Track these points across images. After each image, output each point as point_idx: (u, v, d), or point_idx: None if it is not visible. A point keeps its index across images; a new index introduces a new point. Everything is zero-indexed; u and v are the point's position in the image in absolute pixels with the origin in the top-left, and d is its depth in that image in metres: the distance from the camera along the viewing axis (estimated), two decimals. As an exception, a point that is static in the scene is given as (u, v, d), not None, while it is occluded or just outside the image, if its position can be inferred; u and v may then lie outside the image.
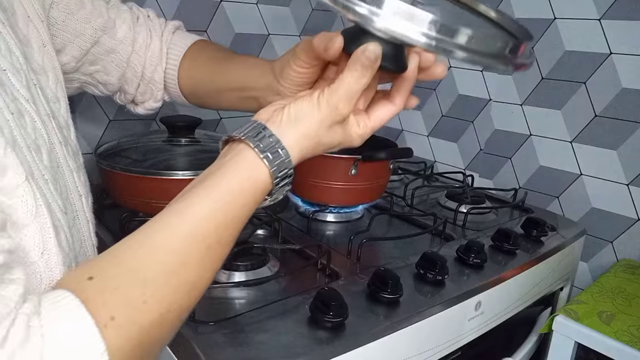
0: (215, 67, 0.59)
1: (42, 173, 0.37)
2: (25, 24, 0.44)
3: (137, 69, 0.61)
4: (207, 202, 0.37)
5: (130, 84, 0.63)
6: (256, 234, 0.81)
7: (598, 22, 0.96)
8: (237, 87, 0.56)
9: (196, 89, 0.62)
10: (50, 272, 0.35)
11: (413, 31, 0.33)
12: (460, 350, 0.71)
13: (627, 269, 0.92)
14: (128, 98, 0.65)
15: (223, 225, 0.38)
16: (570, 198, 1.06)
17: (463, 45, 0.34)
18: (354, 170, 0.84)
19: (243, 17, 1.07)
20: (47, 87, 0.45)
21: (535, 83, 1.09)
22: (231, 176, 0.39)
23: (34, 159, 0.36)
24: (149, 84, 0.63)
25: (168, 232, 0.36)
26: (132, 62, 0.61)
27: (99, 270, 0.33)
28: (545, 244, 0.86)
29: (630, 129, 0.95)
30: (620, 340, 0.71)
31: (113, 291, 0.32)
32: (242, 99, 0.56)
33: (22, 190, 0.33)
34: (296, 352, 0.51)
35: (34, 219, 0.34)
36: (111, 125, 0.97)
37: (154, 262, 0.34)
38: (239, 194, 0.38)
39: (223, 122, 1.12)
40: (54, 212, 0.37)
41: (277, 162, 0.39)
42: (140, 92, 0.64)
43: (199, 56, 0.61)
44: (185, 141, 0.84)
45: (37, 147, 0.37)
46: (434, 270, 0.68)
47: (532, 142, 1.12)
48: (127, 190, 0.75)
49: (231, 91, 0.57)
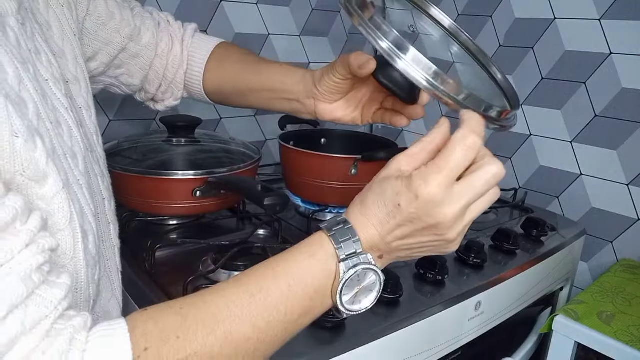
0: (246, 68, 0.63)
1: (78, 179, 0.38)
2: (61, 37, 0.46)
3: (159, 71, 0.66)
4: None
5: (152, 85, 0.67)
6: (256, 234, 0.81)
7: (598, 22, 0.96)
8: (270, 88, 0.60)
9: (222, 88, 0.66)
10: (77, 275, 0.36)
11: (422, 79, 0.41)
12: (460, 350, 0.71)
13: (627, 269, 0.92)
14: (148, 97, 0.70)
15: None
16: (570, 198, 1.06)
17: (459, 100, 0.43)
18: (354, 170, 0.84)
19: (243, 17, 1.07)
20: (79, 96, 0.47)
21: (535, 83, 1.09)
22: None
23: (70, 166, 0.38)
24: (171, 84, 0.67)
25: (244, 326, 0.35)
26: (155, 65, 0.65)
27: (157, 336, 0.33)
28: (545, 244, 0.86)
29: (630, 129, 0.95)
30: (620, 340, 0.71)
31: None
32: (273, 99, 0.61)
33: (59, 198, 0.34)
34: (296, 352, 0.51)
35: (68, 224, 0.35)
36: (111, 125, 0.97)
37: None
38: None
39: (223, 122, 1.12)
40: (86, 216, 0.38)
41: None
42: (162, 92, 0.68)
43: (227, 58, 0.66)
44: (185, 141, 0.84)
45: (74, 154, 0.39)
46: (434, 270, 0.68)
47: (532, 142, 1.12)
48: (127, 190, 0.75)
49: (263, 92, 0.61)
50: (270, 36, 1.13)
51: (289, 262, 0.38)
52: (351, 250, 0.38)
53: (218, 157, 0.83)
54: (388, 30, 0.41)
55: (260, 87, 0.61)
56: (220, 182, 0.73)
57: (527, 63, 1.09)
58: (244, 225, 0.87)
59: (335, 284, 0.37)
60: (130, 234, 0.77)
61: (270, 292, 0.36)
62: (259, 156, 0.84)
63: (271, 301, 0.35)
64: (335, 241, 0.38)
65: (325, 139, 1.07)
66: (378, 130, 1.49)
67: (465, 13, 1.20)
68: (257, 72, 0.61)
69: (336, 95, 0.54)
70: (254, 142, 0.96)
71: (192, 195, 0.74)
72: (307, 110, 0.57)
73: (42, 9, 0.44)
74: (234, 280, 0.37)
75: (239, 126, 1.15)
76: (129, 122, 0.99)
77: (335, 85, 0.52)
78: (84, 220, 0.37)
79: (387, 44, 0.41)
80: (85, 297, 0.37)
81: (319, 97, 0.54)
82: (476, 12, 1.18)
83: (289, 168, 0.92)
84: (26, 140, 0.31)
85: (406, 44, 0.41)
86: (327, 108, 0.55)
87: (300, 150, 0.88)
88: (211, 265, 0.67)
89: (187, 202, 0.74)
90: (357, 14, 0.43)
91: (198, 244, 0.74)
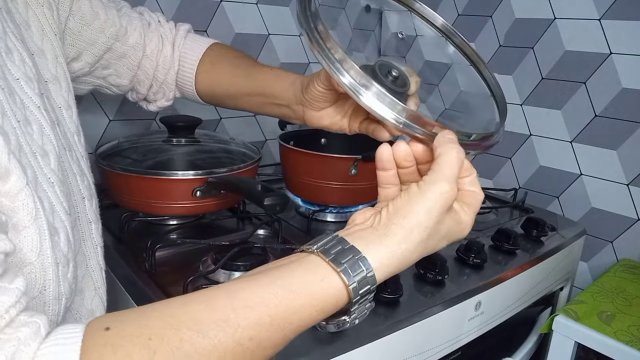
0: (239, 71, 0.63)
1: (48, 177, 0.38)
2: (40, 37, 0.46)
3: (149, 72, 0.65)
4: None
5: (142, 85, 0.66)
6: (256, 234, 0.81)
7: (598, 22, 0.96)
8: (261, 92, 0.60)
9: (214, 90, 0.66)
10: (44, 273, 0.35)
11: (388, 114, 0.40)
12: (460, 350, 0.71)
13: (627, 269, 0.92)
14: (140, 97, 0.69)
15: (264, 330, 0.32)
16: (570, 198, 1.06)
17: (427, 132, 0.40)
18: (354, 170, 0.84)
19: (243, 17, 1.07)
20: (59, 96, 0.46)
21: (535, 83, 1.09)
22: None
23: (39, 164, 0.37)
24: (162, 85, 0.67)
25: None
26: (144, 65, 0.64)
27: (120, 325, 0.30)
28: (545, 244, 0.86)
29: (630, 129, 0.95)
30: (620, 340, 0.71)
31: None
32: (264, 104, 0.61)
33: (23, 195, 0.34)
34: (296, 352, 0.51)
35: (33, 221, 0.34)
36: (111, 125, 0.97)
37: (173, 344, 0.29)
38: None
39: (223, 122, 1.12)
40: (57, 213, 0.37)
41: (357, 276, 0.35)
42: (153, 92, 0.68)
43: (220, 60, 0.65)
44: (185, 141, 0.84)
45: (45, 152, 0.39)
46: (434, 270, 0.68)
47: (532, 142, 1.12)
48: (127, 190, 0.75)
49: (254, 96, 0.61)
50: (270, 36, 1.13)
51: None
52: (364, 287, 0.36)
53: (218, 157, 0.83)
54: (350, 66, 0.40)
55: (252, 92, 0.61)
56: (220, 182, 0.73)
57: (527, 63, 1.09)
58: (244, 225, 0.87)
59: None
60: (130, 234, 0.77)
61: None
62: (259, 156, 0.84)
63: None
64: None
65: (325, 139, 1.07)
66: (378, 130, 1.49)
67: (465, 13, 1.20)
68: (249, 76, 0.61)
69: (323, 104, 0.53)
70: (254, 142, 0.96)
71: (192, 195, 0.74)
72: (296, 116, 0.57)
73: (20, 8, 0.44)
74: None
75: (239, 126, 1.15)
76: (129, 122, 0.99)
77: (320, 94, 0.52)
78: (54, 218, 0.37)
79: (348, 80, 0.40)
80: (55, 294, 0.36)
81: (306, 104, 0.54)
82: (476, 12, 1.18)
83: (289, 168, 0.92)
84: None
85: (369, 81, 0.39)
86: (315, 115, 0.55)
87: (300, 150, 0.88)
88: (211, 265, 0.67)
89: (187, 202, 0.74)
90: (318, 45, 0.41)
91: (198, 244, 0.74)
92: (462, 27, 1.22)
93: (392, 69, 0.45)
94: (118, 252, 0.72)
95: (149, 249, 0.68)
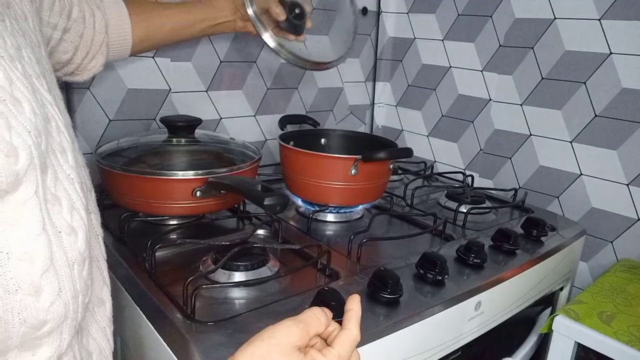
0: (175, 11, 0.78)
1: (68, 173, 0.37)
2: (34, 29, 0.45)
3: (88, 39, 0.68)
4: None
5: (78, 55, 0.68)
6: (256, 234, 0.81)
7: (598, 22, 0.96)
8: (205, 18, 0.81)
9: (153, 35, 0.77)
10: (57, 274, 0.34)
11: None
12: (460, 350, 0.71)
13: (627, 269, 0.92)
14: (70, 69, 0.70)
15: None
16: (570, 198, 1.06)
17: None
18: (354, 170, 0.84)
19: (243, 17, 1.07)
20: (55, 89, 0.45)
21: (535, 83, 1.09)
22: None
23: (59, 162, 0.36)
24: (100, 48, 0.71)
25: None
26: (85, 35, 0.68)
27: None
28: (545, 244, 0.86)
29: (630, 129, 0.95)
30: (620, 340, 0.71)
31: None
32: (205, 28, 0.81)
33: (31, 202, 0.32)
34: (296, 352, 0.51)
35: (42, 230, 0.33)
36: (111, 125, 0.97)
37: None
38: None
39: (223, 122, 1.12)
40: (77, 210, 0.37)
41: None
42: (88, 59, 0.70)
43: (146, 9, 0.76)
44: (185, 141, 0.84)
45: (63, 149, 0.38)
46: (434, 270, 0.68)
47: (532, 142, 1.12)
48: (127, 190, 0.75)
49: (197, 23, 0.80)
50: (270, 36, 1.13)
51: None
52: None
53: (218, 157, 0.83)
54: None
55: (194, 21, 0.79)
56: (220, 182, 0.73)
57: (527, 63, 1.09)
58: (244, 225, 0.87)
59: None
60: (130, 234, 0.77)
61: None
62: (259, 156, 0.84)
63: None
64: None
65: (325, 139, 1.07)
66: (378, 130, 1.49)
67: (465, 13, 1.20)
68: (188, 13, 0.79)
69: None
70: (254, 142, 0.96)
71: (192, 195, 0.74)
72: (232, 27, 0.84)
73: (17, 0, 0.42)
74: None
75: (239, 126, 1.15)
76: (129, 122, 0.99)
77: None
78: (72, 217, 0.36)
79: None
80: (72, 294, 0.35)
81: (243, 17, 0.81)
82: (476, 12, 1.18)
83: (289, 168, 0.92)
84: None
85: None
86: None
87: (300, 150, 0.88)
88: (211, 265, 0.67)
89: (187, 202, 0.75)
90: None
91: (198, 244, 0.74)
92: (462, 27, 1.22)
93: (295, 7, 0.83)
94: (118, 252, 0.72)
95: (149, 249, 0.68)
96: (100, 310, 0.45)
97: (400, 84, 1.41)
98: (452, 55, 1.25)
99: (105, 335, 0.45)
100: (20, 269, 0.30)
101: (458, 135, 1.27)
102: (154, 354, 0.59)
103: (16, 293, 0.30)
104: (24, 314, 0.30)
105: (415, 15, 1.32)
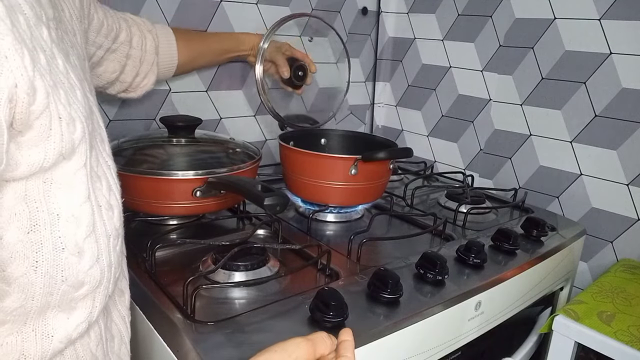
0: (211, 40, 0.93)
1: (106, 159, 0.41)
2: (81, 46, 0.49)
3: (136, 60, 0.78)
4: None
5: (128, 75, 0.78)
6: (256, 234, 0.81)
7: (598, 22, 0.96)
8: (232, 49, 0.96)
9: (195, 60, 0.91)
10: (97, 244, 0.38)
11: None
12: (460, 350, 0.71)
13: (627, 269, 0.92)
14: (123, 87, 0.79)
15: None
16: (570, 198, 1.06)
17: None
18: (354, 170, 0.84)
19: (243, 17, 1.07)
20: (93, 95, 0.49)
21: (535, 83, 1.09)
22: None
23: (100, 151, 0.40)
24: (151, 68, 0.81)
25: None
26: (132, 55, 0.77)
27: None
28: (545, 244, 0.86)
29: (630, 129, 0.95)
30: (620, 340, 0.71)
31: None
32: (229, 57, 0.97)
33: (81, 173, 0.36)
34: (296, 352, 0.51)
35: (87, 199, 0.36)
36: (111, 125, 0.97)
37: None
38: None
39: (223, 122, 1.12)
40: (113, 192, 0.40)
41: None
42: (139, 79, 0.80)
43: (190, 38, 0.89)
44: (185, 141, 0.84)
45: (102, 139, 0.42)
46: (434, 270, 0.68)
47: (532, 142, 1.12)
48: (127, 190, 0.74)
49: (225, 53, 0.95)
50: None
51: None
52: None
53: (218, 157, 0.83)
54: None
55: (224, 50, 0.94)
56: (220, 182, 0.73)
57: (527, 63, 1.09)
58: (244, 225, 0.87)
59: None
60: (130, 234, 0.77)
61: None
62: (259, 156, 0.84)
63: None
64: None
65: (325, 139, 1.07)
66: (378, 130, 1.49)
67: (465, 13, 1.20)
68: (221, 41, 0.94)
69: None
70: (254, 142, 0.96)
71: (192, 195, 0.74)
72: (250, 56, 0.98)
73: (67, 17, 0.46)
74: None
75: (239, 126, 1.15)
76: (129, 122, 0.99)
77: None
78: (110, 196, 0.39)
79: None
80: (107, 262, 0.38)
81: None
82: (476, 12, 1.18)
83: (289, 168, 0.92)
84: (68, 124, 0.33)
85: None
86: None
87: (300, 150, 0.88)
88: (211, 265, 0.67)
89: (187, 202, 0.75)
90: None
91: (198, 244, 0.74)
92: (462, 27, 1.22)
93: (300, 70, 0.99)
94: (118, 252, 0.72)
95: (149, 249, 0.68)
96: (121, 300, 0.47)
97: (400, 84, 1.41)
98: (452, 55, 1.25)
99: (125, 323, 0.48)
100: (67, 229, 0.33)
101: (458, 135, 1.27)
102: (153, 353, 0.59)
103: (62, 251, 0.33)
104: (66, 272, 0.34)
105: (415, 15, 1.32)
